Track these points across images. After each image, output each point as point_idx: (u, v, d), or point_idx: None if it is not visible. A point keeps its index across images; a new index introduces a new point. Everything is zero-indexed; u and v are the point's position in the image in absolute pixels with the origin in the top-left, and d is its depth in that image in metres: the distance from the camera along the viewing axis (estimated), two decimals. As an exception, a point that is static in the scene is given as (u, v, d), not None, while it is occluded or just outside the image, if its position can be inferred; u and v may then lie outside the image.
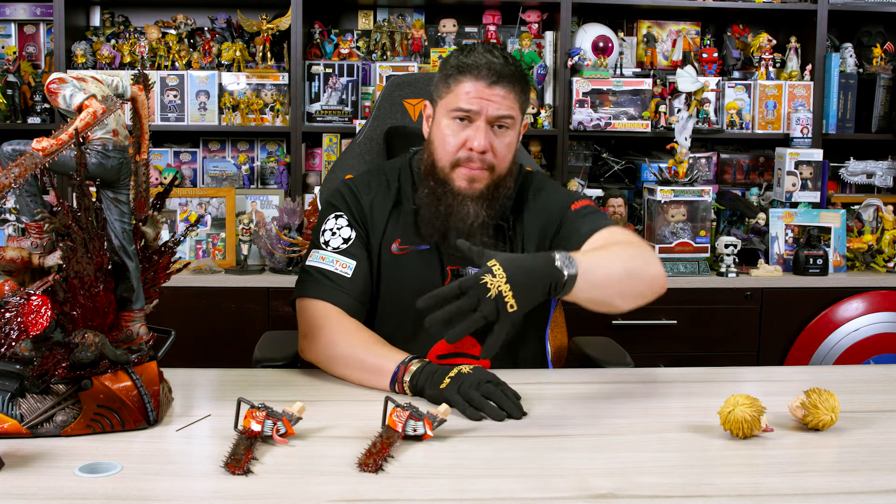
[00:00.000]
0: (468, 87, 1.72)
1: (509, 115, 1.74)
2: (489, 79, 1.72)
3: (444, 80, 1.77)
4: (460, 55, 1.76)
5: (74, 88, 1.31)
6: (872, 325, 3.22)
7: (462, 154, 1.74)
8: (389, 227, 1.82)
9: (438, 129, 1.77)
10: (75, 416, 1.35)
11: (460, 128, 1.74)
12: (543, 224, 1.83)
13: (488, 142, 1.73)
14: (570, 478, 1.23)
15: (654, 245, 3.19)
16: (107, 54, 3.37)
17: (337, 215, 1.83)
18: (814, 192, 3.41)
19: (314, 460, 1.29)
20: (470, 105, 1.72)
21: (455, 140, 1.74)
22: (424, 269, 1.80)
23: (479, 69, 1.72)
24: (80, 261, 1.32)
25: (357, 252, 1.78)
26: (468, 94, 1.72)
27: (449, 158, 1.75)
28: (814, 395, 1.40)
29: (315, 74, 3.41)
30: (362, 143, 2.16)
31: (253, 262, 3.24)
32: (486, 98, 1.72)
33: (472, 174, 1.74)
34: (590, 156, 3.60)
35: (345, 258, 1.77)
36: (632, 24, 3.72)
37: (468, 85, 1.72)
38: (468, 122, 1.74)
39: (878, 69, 3.61)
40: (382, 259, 1.82)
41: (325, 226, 1.83)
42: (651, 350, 3.12)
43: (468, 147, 1.73)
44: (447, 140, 1.75)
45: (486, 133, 1.73)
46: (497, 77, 1.72)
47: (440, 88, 1.78)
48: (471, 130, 1.73)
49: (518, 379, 1.72)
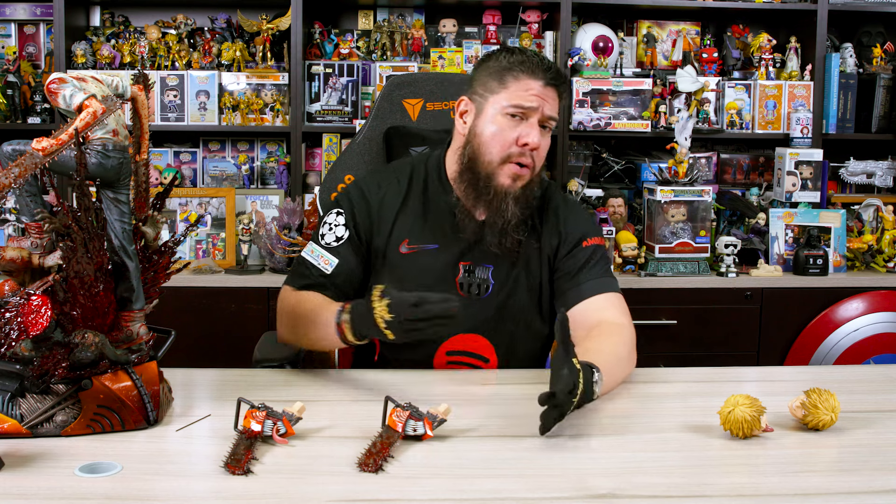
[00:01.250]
0: (529, 85, 1.74)
1: (555, 116, 1.78)
2: (547, 78, 1.75)
3: (498, 76, 1.77)
4: (511, 57, 1.77)
5: (74, 88, 1.31)
6: (872, 325, 3.22)
7: (514, 150, 1.75)
8: (397, 227, 1.84)
9: (488, 125, 1.77)
10: (75, 416, 1.35)
11: (514, 123, 1.75)
12: (557, 243, 1.86)
13: (539, 138, 1.75)
14: (570, 478, 1.23)
15: (655, 245, 3.19)
16: (107, 54, 3.37)
17: (338, 212, 1.86)
18: (814, 192, 3.41)
19: (314, 460, 1.29)
20: (530, 102, 1.73)
21: (510, 135, 1.75)
22: (434, 267, 1.82)
23: (535, 69, 1.74)
24: (80, 261, 1.32)
25: (344, 252, 1.82)
26: (528, 91, 1.74)
27: (501, 153, 1.75)
28: (814, 395, 1.41)
29: (315, 74, 3.41)
30: (362, 142, 2.16)
31: (253, 262, 3.24)
32: (543, 97, 1.74)
33: (518, 172, 1.76)
34: (590, 156, 3.60)
35: (330, 255, 1.82)
36: (632, 24, 3.72)
37: (529, 82, 1.74)
38: (521, 119, 1.75)
39: (878, 69, 3.61)
40: (390, 259, 1.83)
41: (326, 219, 1.87)
42: (651, 350, 3.12)
43: (521, 143, 1.74)
44: (501, 135, 1.75)
45: (538, 130, 1.75)
46: (553, 79, 1.76)
47: (490, 84, 1.78)
48: (524, 127, 1.74)
49: (518, 379, 1.73)
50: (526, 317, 1.85)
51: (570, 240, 1.86)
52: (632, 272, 3.25)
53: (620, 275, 3.21)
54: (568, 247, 1.85)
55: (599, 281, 1.81)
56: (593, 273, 1.82)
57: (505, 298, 1.83)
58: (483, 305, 1.82)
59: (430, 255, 1.82)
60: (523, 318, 1.85)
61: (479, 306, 1.82)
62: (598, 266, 1.84)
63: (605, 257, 1.87)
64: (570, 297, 1.81)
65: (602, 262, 1.85)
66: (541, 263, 1.86)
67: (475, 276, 1.82)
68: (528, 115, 1.74)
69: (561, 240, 1.86)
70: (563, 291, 1.83)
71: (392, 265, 1.83)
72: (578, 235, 1.86)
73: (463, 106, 1.83)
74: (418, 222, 1.84)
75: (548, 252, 1.86)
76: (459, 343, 1.82)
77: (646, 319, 3.13)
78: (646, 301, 3.14)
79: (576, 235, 1.86)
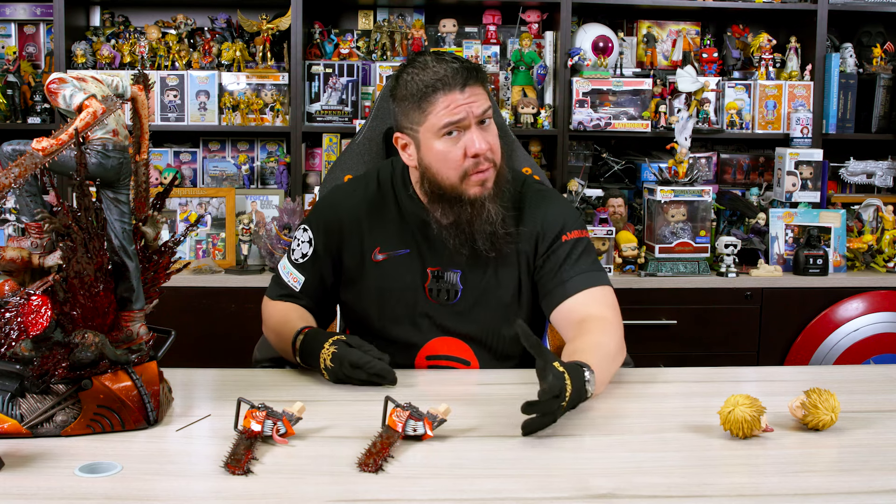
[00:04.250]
0: (445, 101, 1.70)
1: (489, 107, 1.74)
2: (459, 84, 1.70)
3: (416, 106, 1.72)
4: (414, 76, 1.72)
5: (74, 88, 1.31)
6: (872, 325, 3.22)
7: (468, 163, 1.72)
8: (368, 236, 1.84)
9: (432, 153, 1.74)
10: (75, 416, 1.36)
11: (454, 141, 1.72)
12: (537, 236, 1.83)
13: (485, 139, 1.72)
14: (570, 478, 1.23)
15: (655, 245, 3.19)
16: (107, 54, 3.37)
17: (304, 228, 1.89)
18: (814, 192, 3.41)
19: (314, 460, 1.29)
20: (458, 115, 1.70)
21: (456, 154, 1.72)
22: (406, 272, 1.82)
23: (446, 80, 1.70)
24: (80, 261, 1.32)
25: (309, 268, 1.87)
26: (448, 108, 1.70)
27: (457, 173, 1.73)
28: (814, 395, 1.41)
29: (315, 74, 3.41)
30: (362, 143, 2.16)
31: (253, 262, 3.24)
32: (466, 102, 1.70)
33: (482, 177, 1.74)
34: (590, 156, 3.60)
35: (297, 272, 1.87)
36: (632, 24, 3.71)
37: (445, 99, 1.70)
38: (459, 133, 1.71)
39: (878, 69, 3.61)
40: (366, 267, 1.84)
41: (295, 233, 1.92)
42: (651, 350, 3.12)
43: (470, 154, 1.71)
44: (448, 158, 1.72)
45: (480, 133, 1.72)
46: (464, 79, 1.70)
47: (413, 116, 1.74)
48: (466, 138, 1.71)
49: (518, 379, 1.73)
50: (502, 318, 1.82)
51: (548, 235, 1.82)
52: (632, 272, 3.25)
53: (620, 275, 3.21)
54: (547, 243, 1.81)
55: (584, 276, 1.78)
56: (577, 268, 1.79)
57: (475, 302, 1.81)
58: (454, 309, 1.81)
59: (401, 261, 1.83)
60: (499, 320, 1.82)
61: (451, 311, 1.81)
62: (582, 260, 1.80)
63: (588, 249, 1.83)
64: (555, 296, 1.78)
65: (586, 254, 1.81)
66: (518, 263, 1.82)
67: (444, 282, 1.81)
68: (461, 126, 1.71)
69: (539, 236, 1.82)
70: (548, 291, 1.80)
71: (366, 273, 1.84)
72: (557, 230, 1.82)
73: (401, 142, 1.79)
74: (388, 228, 1.84)
75: (526, 249, 1.82)
76: (438, 347, 1.82)
77: (646, 319, 3.13)
78: (646, 301, 3.14)
79: (554, 230, 1.82)
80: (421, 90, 1.71)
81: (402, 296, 1.82)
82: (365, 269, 1.84)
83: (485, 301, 1.82)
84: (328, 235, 1.86)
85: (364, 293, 1.84)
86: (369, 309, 1.84)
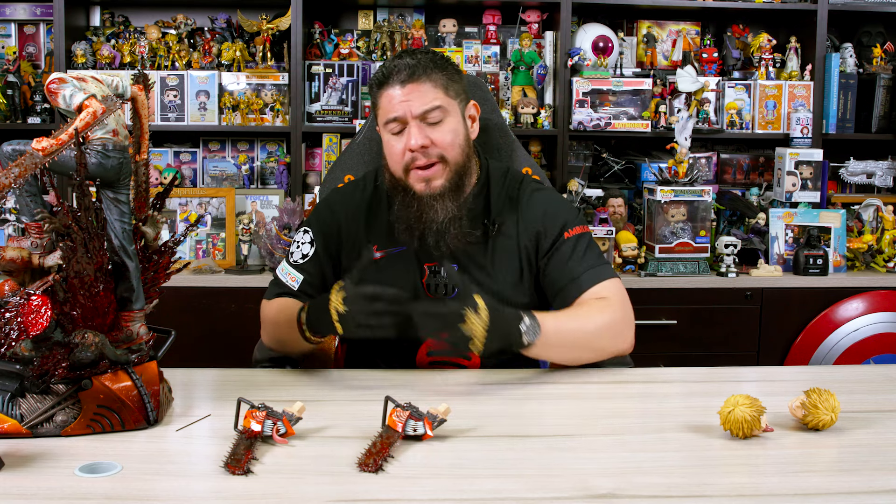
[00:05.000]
0: (388, 96, 1.76)
1: (434, 105, 1.75)
2: (399, 80, 1.75)
3: (373, 99, 1.82)
4: (375, 75, 1.81)
5: (74, 88, 1.31)
6: (872, 325, 3.22)
7: (407, 158, 1.77)
8: (365, 236, 1.87)
9: (385, 145, 1.82)
10: (75, 416, 1.36)
11: (398, 137, 1.77)
12: (538, 233, 1.84)
13: (423, 136, 1.75)
14: (570, 478, 1.23)
15: (655, 245, 3.19)
16: (107, 54, 3.37)
17: (305, 230, 1.90)
18: (814, 192, 3.41)
19: (314, 460, 1.29)
20: (394, 112, 1.75)
21: (397, 149, 1.77)
22: (403, 269, 1.84)
23: (389, 76, 1.76)
24: (80, 261, 1.32)
25: (309, 268, 1.86)
26: (390, 103, 1.76)
27: (399, 168, 1.78)
28: (814, 395, 1.40)
29: (315, 74, 3.41)
30: (361, 143, 2.16)
31: (253, 262, 3.24)
32: (405, 99, 1.75)
33: (423, 174, 1.77)
34: (590, 156, 3.60)
35: (296, 272, 1.87)
36: (632, 24, 3.71)
37: (386, 95, 1.77)
38: (402, 128, 1.76)
39: (878, 69, 3.61)
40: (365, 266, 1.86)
41: (295, 237, 1.92)
42: (651, 350, 3.12)
43: (407, 149, 1.76)
44: (392, 152, 1.79)
45: (419, 129, 1.75)
46: (406, 75, 1.75)
47: (375, 108, 1.83)
48: (405, 134, 1.76)
49: (518, 378, 1.73)
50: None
51: (550, 232, 1.83)
52: (632, 272, 3.25)
53: (620, 275, 3.21)
54: (550, 240, 1.83)
55: (595, 271, 1.79)
56: (585, 263, 1.80)
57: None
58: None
59: (399, 258, 1.84)
60: None
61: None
62: (588, 255, 1.82)
63: (591, 245, 1.85)
64: (569, 293, 1.79)
65: (590, 250, 1.83)
66: (519, 257, 1.84)
67: (441, 277, 1.83)
68: (402, 122, 1.76)
69: (541, 234, 1.84)
70: (560, 288, 1.81)
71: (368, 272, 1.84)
72: (559, 227, 1.83)
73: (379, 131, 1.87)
74: (385, 227, 1.86)
75: (527, 245, 1.84)
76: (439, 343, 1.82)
77: (646, 319, 3.13)
78: (646, 301, 3.14)
79: (556, 227, 1.83)
80: (373, 85, 1.81)
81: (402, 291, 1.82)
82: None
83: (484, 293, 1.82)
84: (327, 237, 1.88)
85: None
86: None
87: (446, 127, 1.78)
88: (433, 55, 1.81)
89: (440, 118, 1.77)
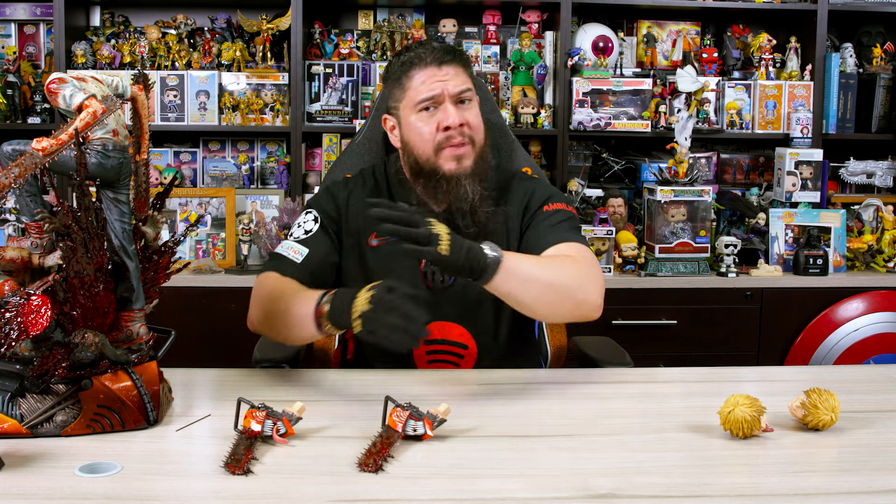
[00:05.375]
0: (421, 77, 1.78)
1: (468, 87, 1.80)
2: (436, 61, 1.78)
3: (397, 83, 1.83)
4: (400, 58, 1.83)
5: (74, 88, 1.31)
6: (872, 325, 3.22)
7: (440, 136, 1.78)
8: (363, 223, 1.86)
9: (410, 129, 1.82)
10: (75, 416, 1.35)
11: (430, 116, 1.79)
12: (522, 210, 1.87)
13: (460, 115, 1.78)
14: (570, 478, 1.23)
15: (655, 245, 3.19)
16: (107, 54, 3.37)
17: (307, 211, 1.90)
18: (814, 192, 3.41)
19: (314, 460, 1.29)
20: (431, 91, 1.77)
21: (430, 128, 1.78)
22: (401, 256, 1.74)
23: (423, 57, 1.79)
24: (80, 261, 1.32)
25: (314, 242, 1.83)
26: (425, 83, 1.78)
27: (430, 146, 1.79)
28: (814, 395, 1.41)
29: (315, 74, 3.41)
30: (361, 142, 2.16)
31: (253, 262, 3.23)
32: (441, 79, 1.78)
33: (457, 152, 1.78)
34: (590, 156, 3.60)
35: (299, 245, 1.82)
36: (632, 24, 3.71)
37: (420, 75, 1.79)
38: (434, 109, 1.79)
39: (878, 69, 3.61)
40: (363, 251, 1.87)
41: (297, 220, 1.92)
42: (651, 350, 3.12)
43: (444, 127, 1.77)
44: (423, 131, 1.79)
45: (455, 108, 1.78)
46: (442, 56, 1.79)
47: (395, 94, 1.84)
48: (440, 113, 1.78)
49: (518, 378, 1.73)
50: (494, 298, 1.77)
51: (532, 206, 1.87)
52: (632, 272, 3.25)
53: (620, 275, 3.21)
54: (531, 212, 1.86)
55: (563, 235, 1.79)
56: (558, 231, 1.80)
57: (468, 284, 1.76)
58: (450, 294, 1.83)
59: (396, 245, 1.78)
60: (493, 300, 1.79)
61: (446, 295, 1.83)
62: (563, 225, 1.82)
63: (572, 220, 1.84)
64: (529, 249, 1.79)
65: (568, 222, 1.83)
66: (508, 242, 1.85)
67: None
68: (437, 101, 1.78)
69: (526, 209, 1.87)
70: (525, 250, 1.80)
71: (362, 258, 1.86)
72: (541, 201, 1.86)
73: (389, 123, 1.89)
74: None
75: (513, 227, 1.87)
76: (435, 332, 1.82)
77: (646, 319, 3.13)
78: (646, 301, 3.14)
79: (539, 201, 1.86)
80: (402, 68, 1.81)
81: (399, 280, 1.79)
82: (361, 255, 1.86)
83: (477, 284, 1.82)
84: (329, 218, 1.88)
85: (360, 280, 1.83)
86: None
87: (474, 110, 1.82)
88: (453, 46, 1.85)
89: (470, 101, 1.81)
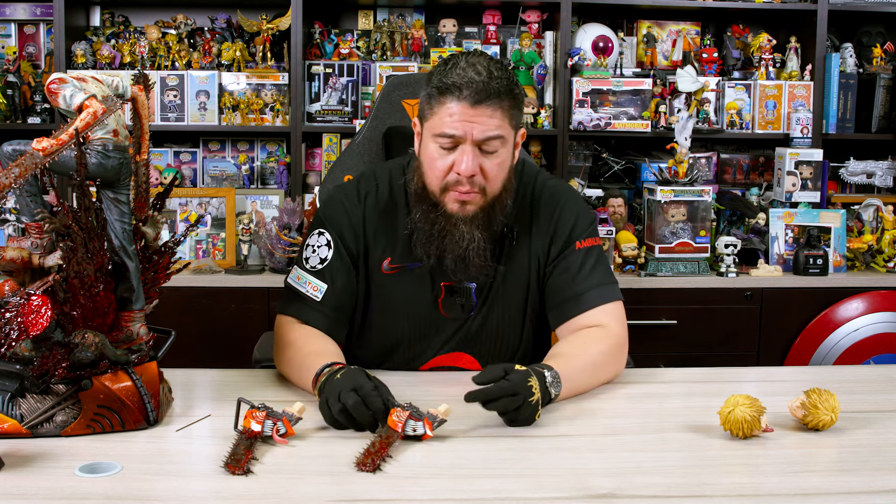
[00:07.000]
0: (452, 109, 1.61)
1: (497, 134, 1.63)
2: (472, 98, 1.60)
3: (428, 99, 1.66)
4: (444, 70, 1.64)
5: (74, 88, 1.31)
6: (872, 325, 3.22)
7: (451, 178, 1.64)
8: (380, 245, 1.76)
9: (426, 152, 1.68)
10: (75, 416, 1.36)
11: (446, 153, 1.64)
12: (551, 236, 1.77)
13: (476, 165, 1.63)
14: (570, 478, 1.23)
15: (655, 245, 3.19)
16: (107, 54, 3.37)
17: (320, 232, 1.77)
18: (814, 192, 3.41)
19: (314, 460, 1.29)
20: (454, 130, 1.61)
21: (442, 164, 1.64)
22: (417, 287, 1.75)
23: (461, 89, 1.60)
24: (80, 261, 1.32)
25: (331, 274, 1.73)
26: (451, 118, 1.61)
27: (438, 184, 1.66)
28: (814, 395, 1.41)
29: (315, 74, 3.41)
30: (361, 143, 2.16)
31: (253, 262, 3.23)
32: (470, 120, 1.61)
33: (462, 198, 1.65)
34: (590, 156, 3.60)
35: (317, 280, 1.72)
36: (632, 24, 3.71)
37: (451, 106, 1.61)
38: (453, 147, 1.64)
39: (878, 69, 3.61)
40: (372, 277, 1.76)
41: (308, 240, 1.78)
42: (651, 350, 3.12)
43: (455, 171, 1.63)
44: (434, 165, 1.66)
45: (474, 156, 1.62)
46: (481, 96, 1.60)
47: (425, 108, 1.68)
48: (457, 154, 1.63)
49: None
50: (511, 327, 1.79)
51: (559, 238, 1.76)
52: (632, 272, 3.25)
53: (620, 275, 3.21)
54: (558, 247, 1.76)
55: (599, 290, 1.73)
56: (591, 280, 1.74)
57: (487, 314, 1.76)
58: (467, 325, 1.77)
59: (413, 274, 1.75)
60: (508, 330, 1.79)
61: (464, 326, 1.77)
62: (596, 271, 1.75)
63: (601, 259, 1.77)
64: (566, 310, 1.74)
65: (599, 265, 1.76)
66: (529, 267, 1.77)
67: (458, 297, 1.75)
68: (457, 141, 1.62)
69: (553, 238, 1.77)
70: (559, 302, 1.75)
71: (376, 285, 1.76)
72: (568, 232, 1.76)
73: (416, 126, 1.73)
74: (401, 235, 1.75)
75: (537, 250, 1.77)
76: (443, 360, 1.78)
77: (646, 319, 3.13)
78: (646, 301, 3.14)
79: (565, 232, 1.76)
80: (437, 88, 1.64)
81: (413, 311, 1.75)
82: (372, 279, 1.77)
83: (497, 313, 1.77)
84: (344, 241, 1.75)
85: (370, 305, 1.77)
86: (374, 322, 1.78)
87: (497, 160, 1.65)
88: (509, 76, 1.65)
89: (496, 149, 1.64)
